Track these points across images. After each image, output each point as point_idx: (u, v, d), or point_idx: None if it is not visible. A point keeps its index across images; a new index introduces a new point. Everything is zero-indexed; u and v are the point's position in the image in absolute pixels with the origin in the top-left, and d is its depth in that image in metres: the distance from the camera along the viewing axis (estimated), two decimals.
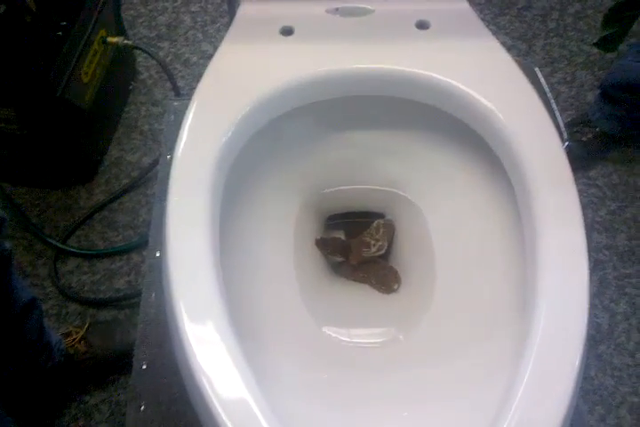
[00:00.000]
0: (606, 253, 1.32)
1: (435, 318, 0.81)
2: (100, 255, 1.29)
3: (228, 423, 0.54)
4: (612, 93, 1.33)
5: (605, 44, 1.49)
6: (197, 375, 0.56)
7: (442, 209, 0.89)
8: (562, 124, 1.29)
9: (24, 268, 1.27)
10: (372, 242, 0.95)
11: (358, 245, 0.96)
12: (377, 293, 0.92)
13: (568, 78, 1.56)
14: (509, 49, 1.59)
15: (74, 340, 1.11)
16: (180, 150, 0.69)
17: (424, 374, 0.74)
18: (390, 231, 0.96)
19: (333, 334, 0.82)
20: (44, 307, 1.22)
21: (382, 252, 0.95)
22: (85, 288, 1.26)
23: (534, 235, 0.64)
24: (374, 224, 0.97)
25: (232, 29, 0.81)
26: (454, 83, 0.75)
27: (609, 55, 1.58)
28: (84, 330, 1.13)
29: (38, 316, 0.99)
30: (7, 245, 0.85)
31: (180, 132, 0.71)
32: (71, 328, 1.14)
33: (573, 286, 0.60)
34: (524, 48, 1.61)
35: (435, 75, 0.76)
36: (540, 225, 0.64)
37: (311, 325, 0.83)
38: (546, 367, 0.56)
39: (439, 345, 0.78)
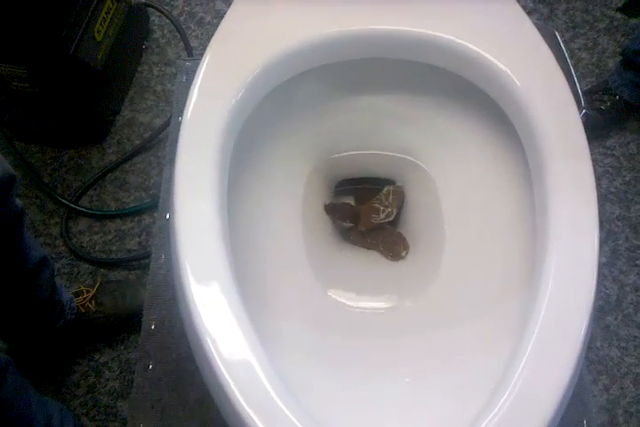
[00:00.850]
0: (619, 223, 1.31)
1: (441, 287, 0.81)
2: (111, 216, 1.30)
3: (232, 384, 0.54)
4: (634, 61, 1.30)
5: (630, 9, 1.44)
6: (202, 336, 0.57)
7: (453, 176, 0.88)
8: (580, 92, 1.26)
9: (36, 227, 1.28)
10: (382, 208, 0.94)
11: (367, 212, 0.96)
12: (385, 259, 0.92)
13: (590, 44, 1.52)
14: (531, 13, 1.55)
15: (85, 299, 1.13)
16: (190, 112, 0.69)
17: (428, 340, 0.75)
18: (400, 198, 0.96)
19: (339, 299, 0.83)
20: (56, 266, 1.23)
21: (391, 218, 0.95)
22: (97, 248, 1.27)
23: (546, 205, 0.63)
24: (384, 190, 0.96)
25: None
26: (471, 46, 0.73)
27: (633, 21, 1.53)
28: (95, 289, 1.15)
29: (50, 274, 1.00)
30: (19, 202, 0.86)
31: (190, 93, 0.70)
32: (82, 287, 1.15)
33: (582, 257, 0.60)
34: (545, 12, 1.57)
35: (451, 37, 0.74)
36: (552, 195, 0.63)
37: (317, 289, 0.83)
38: (550, 337, 0.56)
39: (445, 313, 0.79)
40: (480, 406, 0.54)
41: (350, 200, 1.02)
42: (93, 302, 1.14)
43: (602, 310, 1.22)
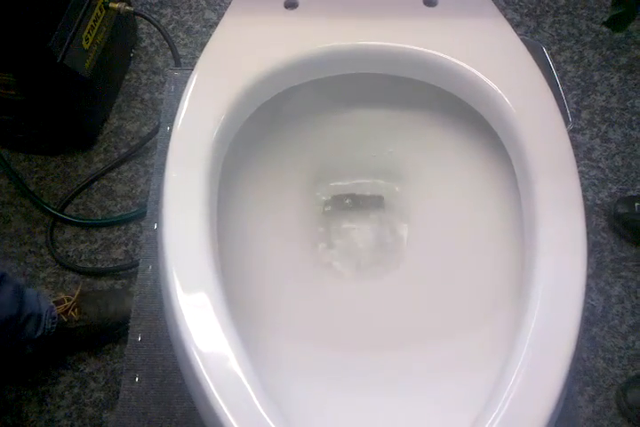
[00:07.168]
0: (604, 235, 1.32)
1: (429, 303, 0.81)
2: (97, 225, 1.29)
3: (218, 398, 0.54)
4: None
5: (615, 23, 1.45)
6: (189, 349, 0.57)
7: (440, 191, 0.89)
8: (567, 106, 1.27)
9: (21, 235, 1.27)
10: None
11: None
12: (379, 281, 0.91)
13: (575, 57, 1.54)
14: (517, 26, 1.56)
15: (66, 307, 1.11)
16: (179, 125, 0.68)
17: (418, 356, 0.75)
18: None
19: (330, 315, 0.82)
20: (41, 275, 1.22)
21: None
22: (83, 257, 1.26)
23: (534, 219, 0.64)
24: None
25: (235, 2, 0.80)
26: (458, 62, 0.74)
27: (617, 35, 1.55)
28: (76, 297, 1.12)
29: (13, 291, 0.97)
30: None
31: (180, 106, 0.70)
32: (63, 296, 1.13)
33: (570, 273, 0.60)
34: (532, 25, 1.58)
35: (439, 53, 0.75)
36: (540, 212, 0.64)
37: (308, 303, 0.83)
38: (539, 354, 0.56)
39: (433, 328, 0.78)
40: (470, 422, 0.54)
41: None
42: (76, 310, 1.12)
43: (587, 321, 1.22)
